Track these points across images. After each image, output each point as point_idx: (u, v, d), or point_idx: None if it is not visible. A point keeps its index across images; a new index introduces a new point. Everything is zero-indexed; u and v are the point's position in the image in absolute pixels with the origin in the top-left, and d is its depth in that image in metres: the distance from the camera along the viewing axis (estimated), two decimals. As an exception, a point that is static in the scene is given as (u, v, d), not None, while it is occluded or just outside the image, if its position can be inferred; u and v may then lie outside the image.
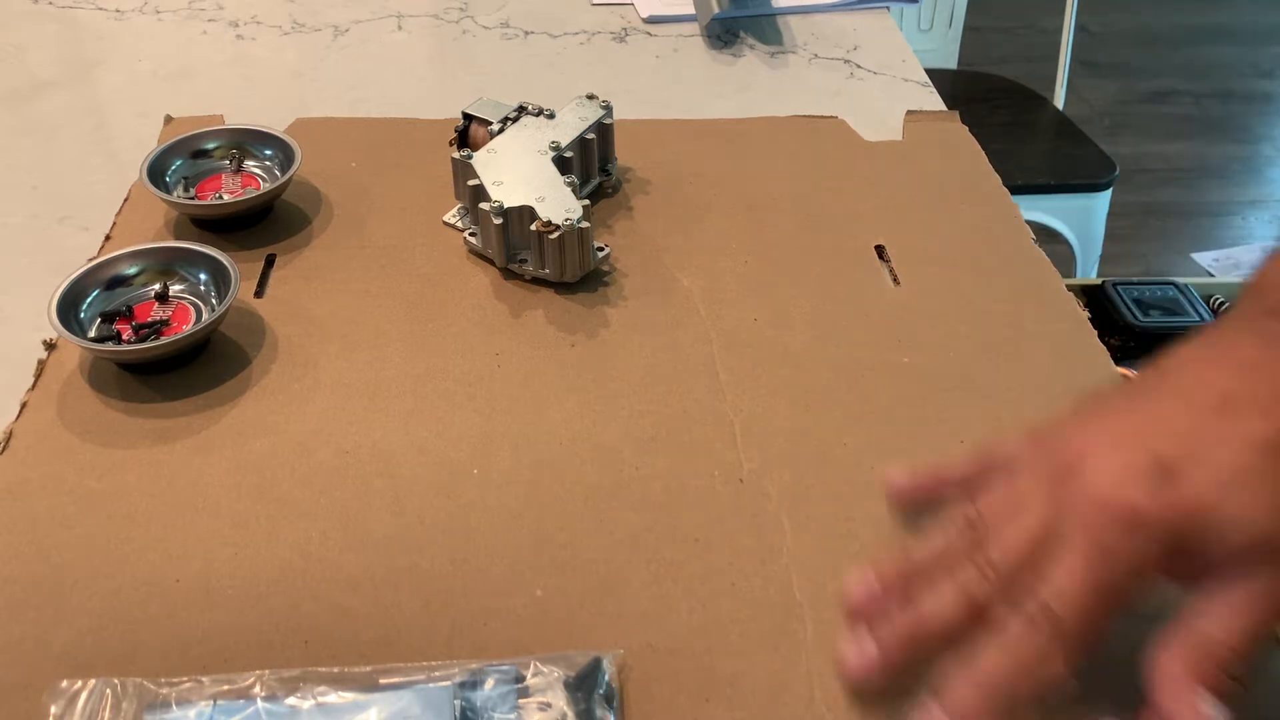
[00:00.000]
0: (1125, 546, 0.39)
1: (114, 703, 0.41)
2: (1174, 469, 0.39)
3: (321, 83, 0.87)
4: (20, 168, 0.77)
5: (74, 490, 0.51)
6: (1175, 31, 2.90)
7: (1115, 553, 0.39)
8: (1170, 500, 0.39)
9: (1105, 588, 0.39)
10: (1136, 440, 0.40)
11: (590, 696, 0.42)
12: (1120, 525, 0.39)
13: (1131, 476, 0.39)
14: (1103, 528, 0.39)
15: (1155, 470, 0.39)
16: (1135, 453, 0.40)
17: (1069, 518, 0.40)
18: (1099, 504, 0.39)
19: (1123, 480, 0.39)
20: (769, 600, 0.47)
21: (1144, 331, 1.14)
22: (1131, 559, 0.39)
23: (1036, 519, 0.41)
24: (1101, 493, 0.39)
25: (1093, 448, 0.41)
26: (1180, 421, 0.40)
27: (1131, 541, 0.39)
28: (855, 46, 0.93)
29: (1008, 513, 0.42)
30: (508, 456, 0.53)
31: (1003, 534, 0.41)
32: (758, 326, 0.61)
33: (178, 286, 0.60)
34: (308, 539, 0.49)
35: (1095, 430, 0.42)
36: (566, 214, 0.61)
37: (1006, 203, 0.72)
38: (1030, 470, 0.42)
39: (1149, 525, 0.39)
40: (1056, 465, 0.41)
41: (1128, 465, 0.40)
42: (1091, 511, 0.39)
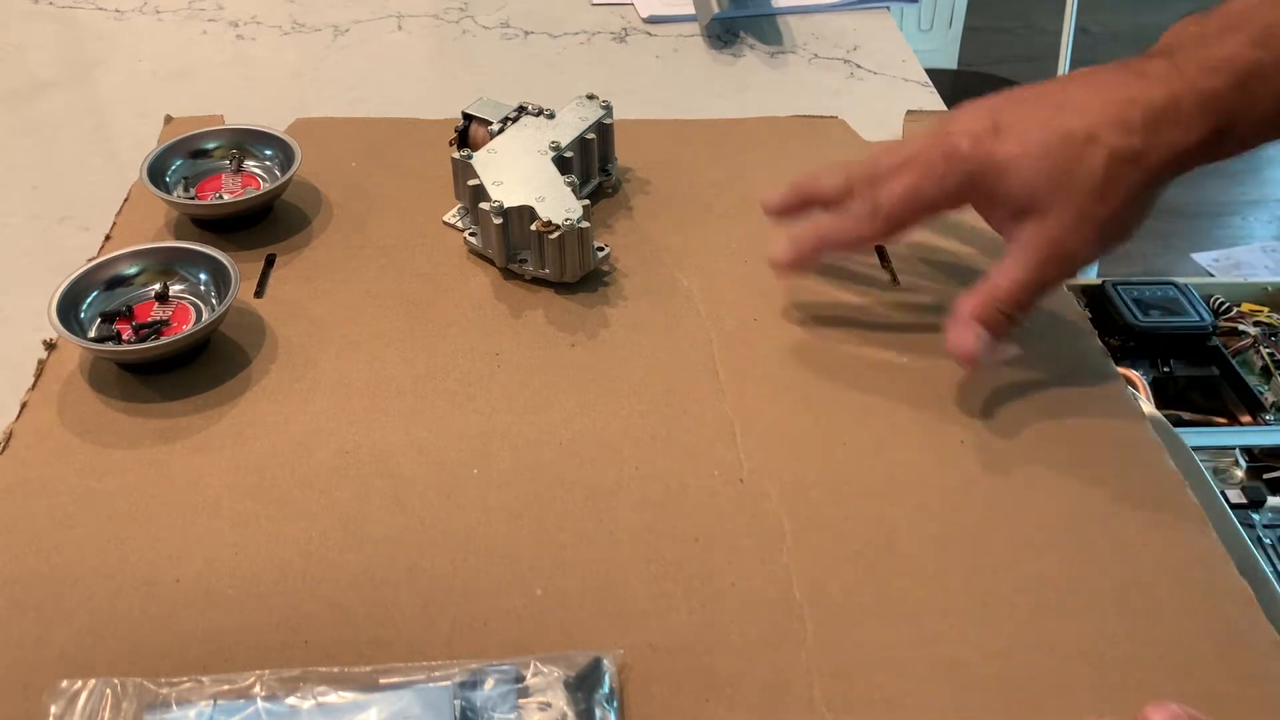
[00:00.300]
0: (940, 169, 0.54)
1: (114, 703, 0.41)
2: (999, 131, 0.53)
3: (321, 83, 0.87)
4: (20, 168, 0.77)
5: (74, 490, 0.51)
6: (1175, 31, 2.89)
7: (932, 172, 0.54)
8: (982, 148, 0.53)
9: (917, 193, 0.55)
10: (991, 112, 0.54)
11: (590, 696, 0.42)
12: (942, 155, 0.54)
13: (969, 129, 0.54)
14: (932, 155, 0.54)
15: (987, 130, 0.53)
16: (983, 118, 0.54)
17: (921, 152, 0.55)
18: (938, 140, 0.55)
19: (963, 131, 0.54)
20: (769, 600, 0.47)
21: (1144, 331, 1.14)
22: (943, 180, 0.54)
23: (905, 152, 0.56)
24: (944, 135, 0.55)
25: (962, 113, 0.56)
26: (1028, 108, 0.54)
27: (946, 166, 0.54)
28: (855, 46, 0.93)
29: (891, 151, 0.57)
30: (508, 456, 0.53)
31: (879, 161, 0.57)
32: (758, 326, 0.61)
33: (178, 286, 0.60)
34: (308, 539, 0.49)
35: (973, 105, 0.56)
36: (566, 214, 0.61)
37: (1006, 203, 0.72)
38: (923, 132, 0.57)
39: (960, 159, 0.54)
40: (938, 125, 0.56)
41: (972, 122, 0.54)
42: (932, 145, 0.55)
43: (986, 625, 0.46)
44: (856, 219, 0.56)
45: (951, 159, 0.54)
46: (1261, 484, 0.97)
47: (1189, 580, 0.48)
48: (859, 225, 0.56)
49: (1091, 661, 0.45)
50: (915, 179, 0.55)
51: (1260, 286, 1.24)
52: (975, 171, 0.53)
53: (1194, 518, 0.51)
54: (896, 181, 0.55)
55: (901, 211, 0.55)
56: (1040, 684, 0.44)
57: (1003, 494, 0.52)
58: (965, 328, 0.54)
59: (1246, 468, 1.00)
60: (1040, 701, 0.43)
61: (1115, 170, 0.51)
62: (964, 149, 0.53)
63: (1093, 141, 0.51)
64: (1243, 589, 0.48)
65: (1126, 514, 0.51)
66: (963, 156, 0.53)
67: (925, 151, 0.55)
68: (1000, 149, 0.53)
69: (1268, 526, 0.94)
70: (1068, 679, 0.44)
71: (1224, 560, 0.49)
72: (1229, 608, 0.47)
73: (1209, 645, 0.46)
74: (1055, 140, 0.52)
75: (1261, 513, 0.95)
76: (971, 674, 0.44)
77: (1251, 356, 1.15)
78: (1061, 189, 0.52)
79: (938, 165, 0.54)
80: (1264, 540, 0.93)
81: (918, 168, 0.55)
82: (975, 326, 0.54)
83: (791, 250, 0.59)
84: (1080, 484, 0.53)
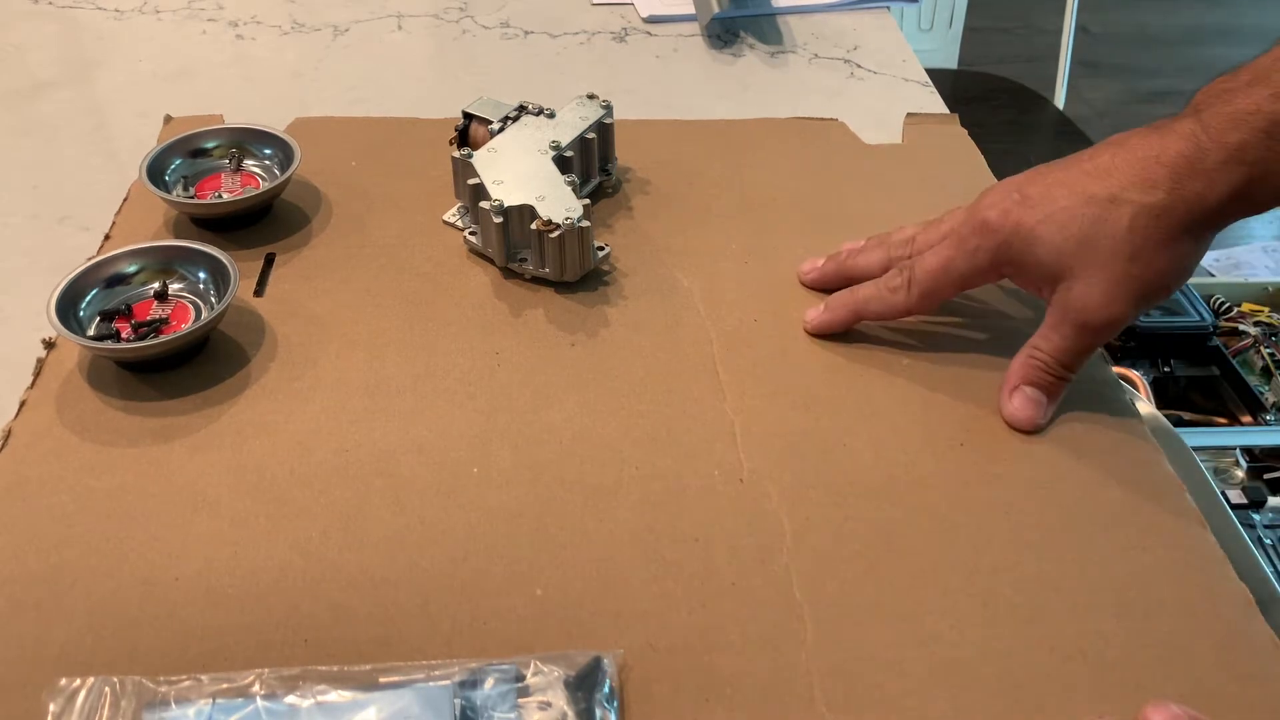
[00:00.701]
0: (971, 243, 0.56)
1: (113, 701, 0.41)
2: (1026, 201, 0.54)
3: (321, 82, 0.87)
4: (20, 168, 0.77)
5: (73, 489, 0.51)
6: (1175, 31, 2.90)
7: (964, 246, 0.56)
8: (1010, 219, 0.54)
9: (949, 266, 0.57)
10: (1019, 186, 0.56)
11: (590, 696, 0.42)
12: (973, 230, 0.56)
13: (997, 203, 0.55)
14: (964, 230, 0.56)
15: (1014, 201, 0.55)
16: (1010, 191, 0.55)
17: (954, 228, 0.57)
18: (970, 216, 0.56)
19: (991, 204, 0.55)
20: (769, 600, 0.47)
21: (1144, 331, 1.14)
22: (974, 253, 0.56)
23: (941, 229, 0.59)
24: (975, 210, 0.56)
25: (991, 190, 0.57)
26: (1053, 177, 0.55)
27: (977, 240, 0.56)
28: (855, 46, 0.93)
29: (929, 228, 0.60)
30: (508, 456, 0.53)
31: (916, 237, 0.60)
32: (758, 326, 0.61)
33: (177, 285, 0.60)
34: (307, 538, 0.49)
35: (1002, 182, 0.57)
36: (567, 213, 0.61)
37: (1007, 203, 0.72)
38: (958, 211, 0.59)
39: (990, 231, 0.55)
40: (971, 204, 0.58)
41: (1000, 197, 0.56)
42: (964, 221, 0.57)
43: (986, 625, 0.46)
44: (892, 291, 0.59)
45: (982, 232, 0.55)
46: (1262, 484, 0.97)
47: (1188, 581, 0.48)
48: (893, 297, 0.58)
49: (1091, 661, 0.45)
50: (948, 253, 0.57)
51: (1260, 286, 1.24)
52: (1005, 242, 0.54)
53: (1193, 519, 0.51)
54: (931, 256, 0.57)
55: (934, 284, 0.57)
56: (1040, 684, 0.44)
57: (1002, 494, 0.52)
58: (1020, 395, 0.55)
59: (1247, 468, 1.00)
60: (1040, 701, 0.43)
61: (1141, 228, 0.51)
62: (993, 221, 0.55)
63: (1116, 202, 0.52)
64: (1242, 590, 0.48)
65: (1126, 515, 0.51)
66: (993, 228, 0.55)
67: (958, 227, 0.57)
68: (1027, 217, 0.54)
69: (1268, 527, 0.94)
70: (1068, 679, 0.44)
71: (1223, 561, 0.49)
72: (1228, 608, 0.47)
73: (1209, 645, 0.46)
74: (1080, 204, 0.52)
75: (1262, 513, 0.95)
76: (971, 674, 0.44)
77: (1252, 356, 1.15)
78: (1089, 252, 0.52)
79: (969, 239, 0.56)
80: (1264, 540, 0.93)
81: (951, 243, 0.57)
82: (1030, 391, 0.55)
83: (827, 316, 0.60)
84: (1080, 485, 0.53)
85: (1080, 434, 0.55)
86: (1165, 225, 0.51)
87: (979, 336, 0.61)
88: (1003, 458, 0.54)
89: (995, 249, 0.55)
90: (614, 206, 0.71)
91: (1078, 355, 0.55)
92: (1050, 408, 0.55)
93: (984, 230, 0.55)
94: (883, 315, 0.60)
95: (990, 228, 0.55)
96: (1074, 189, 0.53)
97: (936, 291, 0.58)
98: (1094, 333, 0.54)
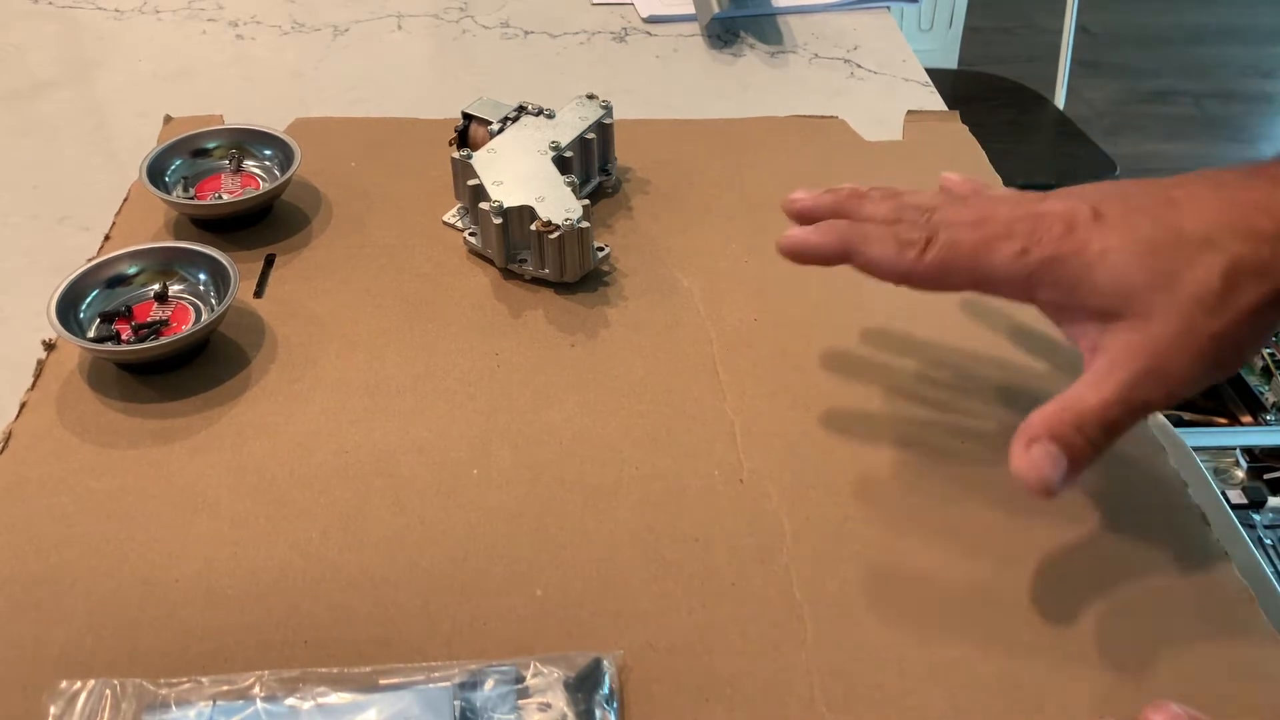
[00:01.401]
0: (1021, 239, 0.45)
1: (113, 703, 0.41)
2: (1100, 219, 0.45)
3: (321, 83, 0.87)
4: (20, 168, 0.77)
5: (73, 490, 0.51)
6: (1175, 31, 2.90)
7: (1011, 236, 0.45)
8: (1077, 234, 0.45)
9: (984, 252, 0.46)
10: (1091, 197, 0.46)
11: (590, 697, 0.42)
12: (1028, 225, 0.45)
13: (1065, 210, 0.46)
14: (1015, 217, 0.46)
15: (1085, 215, 0.45)
16: (1081, 202, 0.46)
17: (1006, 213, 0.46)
18: (1029, 216, 0.46)
19: (1058, 210, 0.46)
20: (769, 600, 0.47)
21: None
22: (1022, 253, 0.45)
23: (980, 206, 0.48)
24: (1044, 207, 0.46)
25: (1055, 194, 0.47)
26: (1135, 201, 0.46)
27: (1028, 238, 0.45)
28: (855, 46, 0.93)
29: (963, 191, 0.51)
30: (508, 456, 0.53)
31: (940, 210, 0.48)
32: (758, 326, 0.61)
33: (177, 286, 0.60)
34: (307, 539, 0.49)
35: (1068, 190, 0.48)
36: (566, 214, 0.61)
37: (1007, 202, 0.72)
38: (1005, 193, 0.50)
39: (1050, 236, 0.45)
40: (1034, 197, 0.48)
41: (1068, 203, 0.46)
42: (1017, 205, 0.47)
43: (986, 625, 0.46)
44: (901, 245, 0.47)
45: (1038, 231, 0.45)
46: (1262, 484, 0.97)
47: (1189, 580, 0.48)
48: (902, 252, 0.47)
49: (1091, 661, 0.45)
50: (989, 237, 0.46)
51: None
52: (1062, 255, 0.45)
53: (1194, 518, 0.51)
54: (967, 230, 0.46)
55: (955, 262, 0.46)
56: (1040, 684, 0.44)
57: (1003, 494, 0.52)
58: (1039, 448, 0.43)
59: (1247, 468, 1.00)
60: (1040, 701, 0.43)
61: (1235, 281, 0.42)
62: (1056, 228, 0.45)
63: (1210, 245, 0.43)
64: (1243, 589, 0.48)
65: (1127, 514, 0.51)
66: (1053, 235, 0.45)
67: (1007, 211, 0.46)
68: (1098, 237, 0.44)
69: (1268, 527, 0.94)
70: (1068, 679, 0.44)
71: (1224, 561, 0.49)
72: (1229, 608, 0.47)
73: (1209, 645, 0.46)
74: (1166, 238, 0.44)
75: (1262, 513, 0.95)
76: (971, 674, 0.44)
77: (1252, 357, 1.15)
78: (1166, 293, 0.43)
79: (1018, 237, 0.45)
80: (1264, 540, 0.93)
81: (996, 231, 0.46)
82: (1050, 447, 0.43)
83: (812, 236, 0.49)
84: (1079, 485, 0.53)
85: (1080, 434, 0.55)
86: (1263, 285, 0.42)
87: (982, 335, 0.61)
88: (1003, 458, 0.54)
89: (1048, 258, 0.45)
90: (614, 206, 0.71)
91: (1127, 414, 0.44)
92: (1071, 478, 0.43)
93: (1042, 230, 0.45)
94: (878, 265, 0.48)
95: (1050, 232, 0.45)
96: (1161, 220, 0.44)
97: (954, 271, 0.47)
98: (1155, 383, 0.43)
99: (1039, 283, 0.45)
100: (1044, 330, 0.61)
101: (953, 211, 0.48)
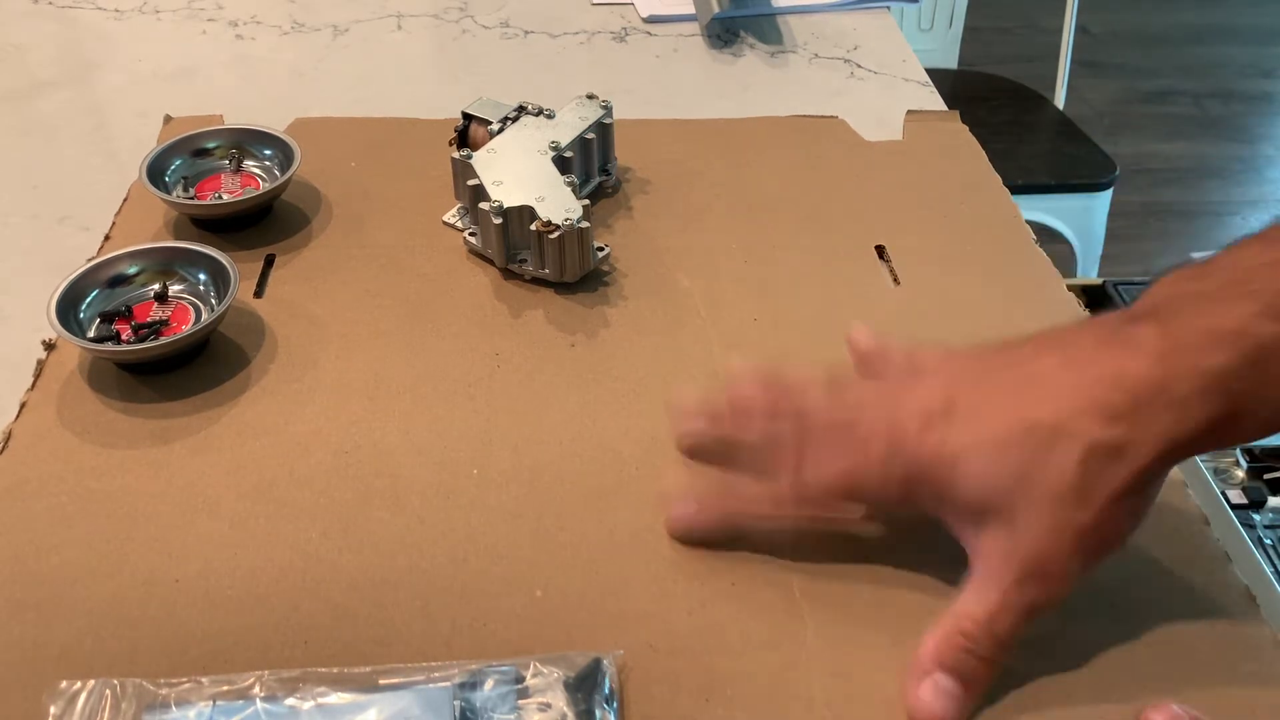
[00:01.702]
0: (880, 457, 0.44)
1: (113, 703, 0.41)
2: (952, 414, 0.43)
3: (321, 83, 0.87)
4: (20, 168, 0.77)
5: (74, 490, 0.51)
6: (1175, 31, 2.90)
7: (870, 458, 0.44)
8: (933, 435, 0.43)
9: (851, 482, 0.45)
10: (949, 385, 0.45)
11: (590, 697, 0.42)
12: (886, 437, 0.44)
13: (922, 406, 0.44)
14: (874, 433, 0.44)
15: (939, 410, 0.43)
16: (939, 392, 0.44)
17: (869, 419, 0.45)
18: (888, 419, 0.44)
19: (915, 412, 0.44)
20: (769, 600, 0.47)
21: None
22: (884, 472, 0.44)
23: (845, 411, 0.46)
24: (895, 413, 0.44)
25: (921, 379, 0.46)
26: (989, 384, 0.44)
27: (887, 452, 0.44)
28: (855, 46, 0.93)
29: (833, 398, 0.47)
30: (508, 456, 0.53)
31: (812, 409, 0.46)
32: (758, 326, 0.61)
33: (177, 286, 0.60)
34: (307, 539, 0.49)
35: (936, 368, 0.47)
36: (566, 214, 0.61)
37: (1006, 202, 0.72)
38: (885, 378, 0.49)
39: (908, 447, 0.43)
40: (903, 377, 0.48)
41: (927, 397, 0.44)
42: (879, 421, 0.44)
43: (986, 625, 0.46)
44: (775, 502, 0.48)
45: (895, 444, 0.44)
46: (1262, 484, 0.97)
47: (1189, 580, 0.48)
48: (776, 508, 0.49)
49: (1091, 661, 0.45)
50: (851, 465, 0.45)
51: (1260, 286, 1.24)
52: (922, 464, 0.43)
53: (1194, 518, 0.51)
54: (829, 463, 0.45)
55: (828, 498, 0.47)
56: (1040, 684, 0.44)
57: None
58: (929, 687, 0.42)
59: (1247, 468, 1.00)
60: (1040, 701, 0.43)
61: (1094, 469, 0.41)
62: (912, 432, 0.43)
63: (1063, 434, 0.41)
64: (1243, 589, 0.48)
65: (1127, 514, 0.51)
66: (912, 443, 0.43)
67: (868, 424, 0.45)
68: (952, 437, 0.43)
69: (1268, 527, 0.94)
70: (1067, 679, 0.44)
71: (1224, 559, 0.49)
72: (1229, 608, 0.47)
73: (1209, 645, 0.46)
74: (1017, 432, 0.42)
75: (1262, 513, 0.94)
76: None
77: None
78: (1026, 492, 0.41)
79: (878, 450, 0.44)
80: (1264, 540, 0.93)
81: (854, 449, 0.45)
82: (943, 681, 0.42)
83: (695, 518, 0.50)
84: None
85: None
86: (1124, 467, 0.41)
87: (982, 335, 0.61)
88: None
89: (908, 470, 0.43)
90: (614, 206, 0.71)
91: (1017, 621, 0.42)
92: (968, 705, 0.42)
93: (898, 441, 0.43)
94: (760, 521, 0.49)
95: (907, 441, 0.43)
96: (1010, 410, 0.42)
97: (827, 501, 0.48)
98: (1035, 584, 0.42)
99: (911, 488, 0.44)
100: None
101: (824, 420, 0.46)
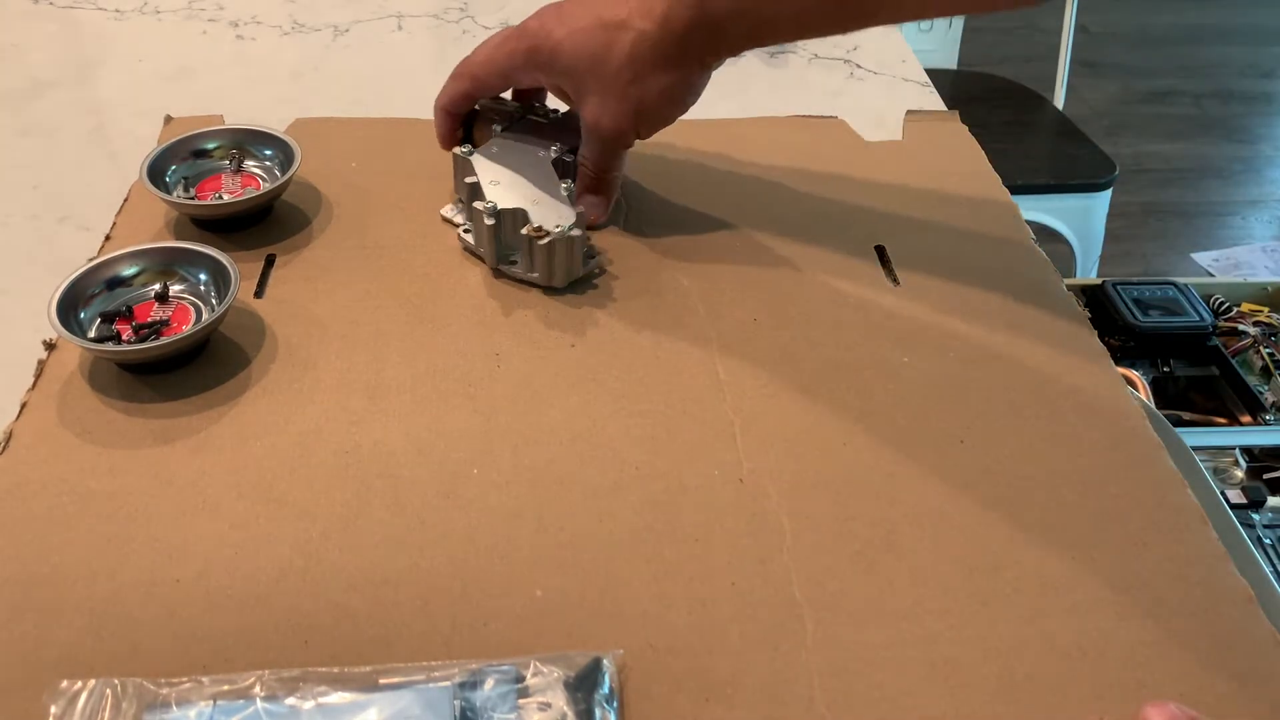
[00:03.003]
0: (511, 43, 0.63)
1: (114, 703, 0.41)
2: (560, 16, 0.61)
3: (321, 83, 0.87)
4: (20, 168, 0.77)
5: (74, 490, 0.51)
6: (1175, 31, 2.90)
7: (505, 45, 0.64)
8: (544, 27, 0.61)
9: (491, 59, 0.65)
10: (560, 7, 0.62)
11: (590, 696, 0.42)
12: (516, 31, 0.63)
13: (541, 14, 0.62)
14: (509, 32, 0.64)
15: (552, 14, 0.62)
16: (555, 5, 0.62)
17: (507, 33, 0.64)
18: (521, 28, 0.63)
19: (535, 15, 0.62)
20: (769, 600, 0.47)
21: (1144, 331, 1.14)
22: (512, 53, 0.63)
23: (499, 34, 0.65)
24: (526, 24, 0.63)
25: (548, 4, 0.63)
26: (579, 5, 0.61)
27: (515, 41, 0.63)
28: (855, 46, 0.93)
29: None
30: (508, 456, 0.53)
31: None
32: (758, 326, 0.61)
33: (178, 287, 0.60)
34: (308, 539, 0.49)
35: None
36: (558, 221, 0.61)
37: (1006, 203, 0.72)
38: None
39: (527, 35, 0.62)
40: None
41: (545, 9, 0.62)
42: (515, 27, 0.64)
43: (986, 625, 0.46)
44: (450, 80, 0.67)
45: (520, 34, 0.63)
46: (1261, 484, 0.97)
47: (1189, 580, 0.48)
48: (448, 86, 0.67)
49: (1091, 661, 0.45)
50: (490, 50, 0.64)
51: (1260, 286, 1.24)
52: (535, 47, 0.62)
53: (1194, 518, 0.51)
54: (479, 50, 0.65)
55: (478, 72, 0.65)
56: (1040, 684, 0.44)
57: (1002, 494, 0.52)
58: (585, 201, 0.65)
59: (1246, 468, 1.00)
60: (1040, 701, 0.43)
61: (641, 54, 0.59)
62: (530, 26, 0.62)
63: (623, 28, 0.59)
64: (1243, 589, 0.48)
65: (1126, 513, 0.51)
66: (529, 33, 0.62)
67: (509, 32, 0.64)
68: (556, 30, 0.61)
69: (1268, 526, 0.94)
70: (1067, 679, 0.44)
71: (1224, 560, 0.49)
72: (1229, 608, 0.47)
73: (1209, 645, 0.46)
74: (595, 26, 0.59)
75: (1261, 513, 0.95)
76: (971, 674, 0.44)
77: (1251, 356, 1.15)
78: (599, 72, 0.60)
79: (510, 40, 0.63)
80: (1264, 540, 0.93)
81: (495, 40, 0.64)
82: (589, 198, 0.65)
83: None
84: (1080, 484, 0.53)
85: (1080, 431, 0.55)
86: (658, 52, 0.59)
87: (983, 335, 0.61)
88: (1002, 456, 0.54)
89: (527, 51, 0.62)
90: (614, 206, 0.71)
91: (608, 159, 0.64)
92: (607, 201, 0.66)
93: (522, 33, 0.62)
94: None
95: (527, 32, 0.62)
96: (593, 11, 0.60)
97: (485, 80, 0.65)
98: (609, 143, 0.63)
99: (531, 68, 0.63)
100: (1045, 330, 0.61)
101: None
